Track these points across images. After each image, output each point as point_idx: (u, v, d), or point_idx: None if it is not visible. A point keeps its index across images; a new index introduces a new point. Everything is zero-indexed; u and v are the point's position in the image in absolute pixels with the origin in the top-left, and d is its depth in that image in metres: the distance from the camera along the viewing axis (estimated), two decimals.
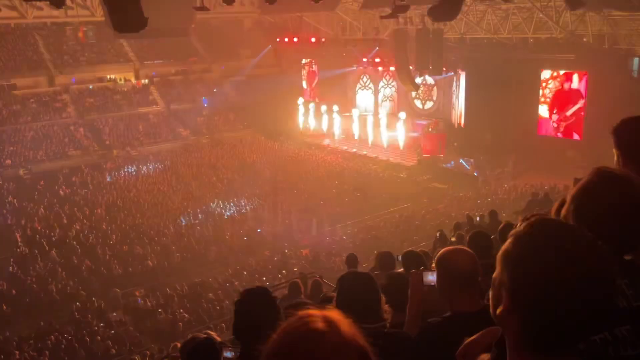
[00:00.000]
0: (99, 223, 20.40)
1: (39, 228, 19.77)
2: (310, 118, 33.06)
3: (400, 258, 5.31)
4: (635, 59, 21.72)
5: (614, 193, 1.57)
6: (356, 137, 31.11)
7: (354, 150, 30.07)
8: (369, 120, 30.88)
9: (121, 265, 17.04)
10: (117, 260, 17.28)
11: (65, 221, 20.47)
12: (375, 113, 31.97)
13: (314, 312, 1.05)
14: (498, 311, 1.21)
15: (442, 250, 2.69)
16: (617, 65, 21.39)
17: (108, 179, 25.56)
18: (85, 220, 20.62)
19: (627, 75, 21.78)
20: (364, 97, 33.58)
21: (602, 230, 1.41)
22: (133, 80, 32.87)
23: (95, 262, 17.17)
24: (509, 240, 1.22)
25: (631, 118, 2.33)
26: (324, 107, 32.27)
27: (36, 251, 17.80)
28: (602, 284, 1.12)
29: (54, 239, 18.96)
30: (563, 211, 1.67)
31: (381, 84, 32.80)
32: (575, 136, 23.25)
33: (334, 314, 1.05)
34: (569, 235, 1.16)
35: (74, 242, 18.61)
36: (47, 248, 18.01)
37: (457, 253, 2.59)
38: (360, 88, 33.61)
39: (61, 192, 23.75)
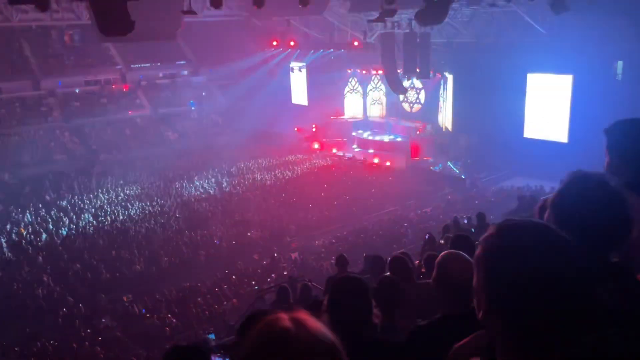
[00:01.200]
0: (85, 228, 20.22)
1: (25, 233, 19.54)
2: (300, 121, 33.06)
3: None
4: (620, 62, 21.98)
5: (589, 195, 1.60)
6: (345, 139, 31.18)
7: (342, 153, 30.13)
8: (357, 123, 30.99)
9: (109, 270, 16.88)
10: (105, 265, 17.11)
11: (51, 226, 20.26)
12: (364, 116, 32.07)
13: (281, 314, 1.08)
14: (479, 315, 1.23)
15: (442, 254, 2.71)
16: (602, 69, 21.64)
17: (95, 183, 25.33)
18: (71, 225, 20.43)
19: (612, 78, 22.04)
20: (352, 100, 33.70)
21: (582, 232, 1.48)
22: (120, 84, 32.64)
23: (82, 267, 16.98)
24: (481, 244, 1.24)
25: (623, 120, 2.35)
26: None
27: (21, 257, 17.58)
28: (572, 282, 1.13)
29: (39, 244, 18.76)
30: (545, 215, 1.70)
31: (369, 87, 32.96)
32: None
33: (301, 313, 1.08)
34: (535, 235, 1.18)
35: (60, 248, 18.43)
36: (33, 253, 17.80)
37: (455, 259, 2.61)
38: (348, 91, 33.72)
39: (47, 197, 23.50)
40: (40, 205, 22.35)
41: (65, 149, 28.27)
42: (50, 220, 20.79)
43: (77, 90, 31.02)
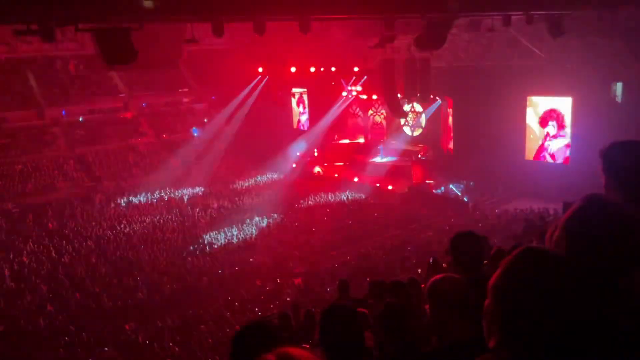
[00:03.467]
0: (88, 256, 20.15)
1: (27, 262, 19.49)
2: (301, 146, 33.20)
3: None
4: (618, 84, 22.14)
5: (604, 219, 1.59)
6: (347, 164, 31.23)
7: (345, 177, 30.14)
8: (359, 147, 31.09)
9: (111, 298, 16.77)
10: (107, 293, 17.01)
11: (54, 254, 20.21)
12: (365, 140, 32.20)
13: (267, 355, 1.11)
14: (491, 344, 1.21)
15: (430, 280, 2.70)
16: (601, 90, 21.79)
17: (97, 211, 25.34)
18: (74, 253, 20.37)
19: (611, 100, 22.17)
20: (353, 124, 33.90)
21: (595, 256, 1.47)
22: (123, 112, 32.94)
23: (85, 295, 16.89)
24: (498, 271, 1.22)
25: (620, 142, 2.36)
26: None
27: (23, 285, 17.50)
28: (589, 320, 1.12)
29: (42, 272, 18.69)
30: (554, 237, 1.67)
31: (370, 111, 33.17)
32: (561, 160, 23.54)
33: (286, 347, 1.10)
34: (555, 266, 1.17)
35: (63, 276, 18.35)
36: (35, 282, 17.72)
37: (444, 281, 2.60)
38: (350, 115, 33.93)
39: (50, 225, 23.50)
40: (44, 234, 22.33)
41: (68, 177, 28.38)
42: (52, 248, 20.74)
43: (81, 119, 31.29)
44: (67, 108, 30.84)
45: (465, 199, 24.76)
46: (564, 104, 23.30)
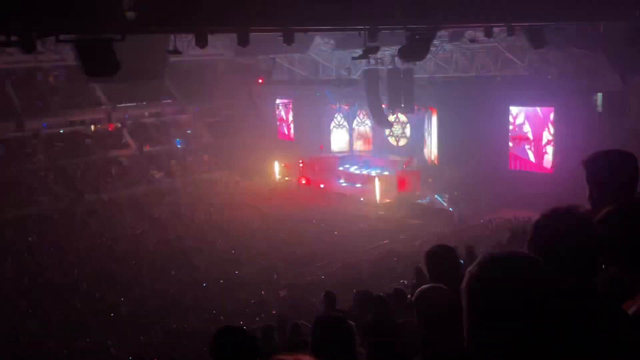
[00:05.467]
0: (69, 270, 19.80)
1: (7, 277, 19.08)
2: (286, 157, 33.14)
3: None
4: (599, 94, 22.52)
5: (560, 227, 1.79)
6: (332, 174, 31.22)
7: (330, 188, 30.14)
8: (344, 158, 31.16)
9: (93, 313, 16.46)
10: (89, 308, 16.70)
11: (34, 269, 19.82)
12: (350, 151, 32.30)
13: (285, 356, 1.11)
14: (467, 345, 1.24)
15: (417, 291, 2.67)
16: (582, 101, 22.14)
17: (79, 224, 24.95)
18: (54, 268, 20.01)
19: (593, 110, 22.53)
20: (338, 135, 33.97)
21: (557, 261, 1.60)
22: (105, 124, 32.60)
23: (66, 310, 16.56)
24: (465, 278, 1.27)
25: (601, 152, 2.41)
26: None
27: (3, 300, 17.11)
28: (557, 313, 1.14)
29: (22, 287, 18.31)
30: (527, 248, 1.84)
31: (355, 122, 33.30)
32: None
33: (304, 356, 1.11)
34: (518, 267, 1.21)
35: (43, 291, 17.99)
36: (14, 298, 17.34)
37: (431, 291, 2.59)
38: (334, 126, 34.01)
39: (30, 239, 23.08)
40: (24, 248, 21.91)
41: (49, 190, 27.93)
42: (33, 263, 20.35)
43: (61, 131, 30.88)
44: (47, 120, 30.42)
45: (450, 209, 24.88)
46: (546, 114, 23.62)
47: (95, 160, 30.51)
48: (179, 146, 33.65)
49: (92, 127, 32.00)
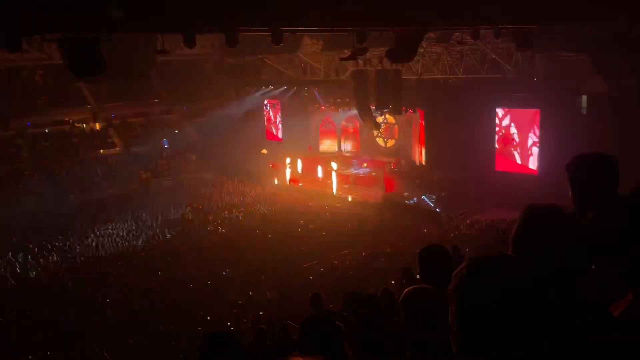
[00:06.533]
0: (54, 272, 19.59)
1: None
2: (274, 156, 33.12)
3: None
4: (584, 97, 22.79)
5: (538, 227, 1.81)
6: (319, 175, 31.24)
7: (318, 189, 30.15)
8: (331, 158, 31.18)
9: (79, 315, 16.28)
10: (75, 310, 16.52)
11: (18, 270, 19.58)
12: (338, 151, 32.35)
13: (299, 357, 1.11)
14: (454, 349, 1.25)
15: (404, 291, 2.69)
16: (567, 103, 22.39)
17: (64, 224, 24.68)
18: (39, 269, 19.78)
19: (578, 112, 22.79)
20: (326, 135, 34.01)
21: (536, 258, 1.62)
22: (91, 123, 32.32)
23: (52, 313, 16.36)
24: (452, 281, 1.28)
25: (583, 155, 2.44)
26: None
27: None
28: (542, 316, 1.15)
29: (6, 289, 18.07)
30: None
31: (343, 123, 33.35)
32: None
33: (315, 357, 1.11)
34: (503, 269, 1.21)
35: (29, 292, 17.77)
36: None
37: (419, 291, 2.59)
38: (322, 127, 34.04)
39: (14, 239, 22.78)
40: (9, 249, 21.62)
41: (33, 190, 27.60)
42: (17, 263, 20.10)
43: (47, 130, 30.55)
44: (32, 119, 30.07)
45: (437, 210, 25.01)
46: (532, 116, 23.85)
47: (81, 160, 30.22)
48: (165, 146, 33.46)
49: (78, 126, 31.69)
